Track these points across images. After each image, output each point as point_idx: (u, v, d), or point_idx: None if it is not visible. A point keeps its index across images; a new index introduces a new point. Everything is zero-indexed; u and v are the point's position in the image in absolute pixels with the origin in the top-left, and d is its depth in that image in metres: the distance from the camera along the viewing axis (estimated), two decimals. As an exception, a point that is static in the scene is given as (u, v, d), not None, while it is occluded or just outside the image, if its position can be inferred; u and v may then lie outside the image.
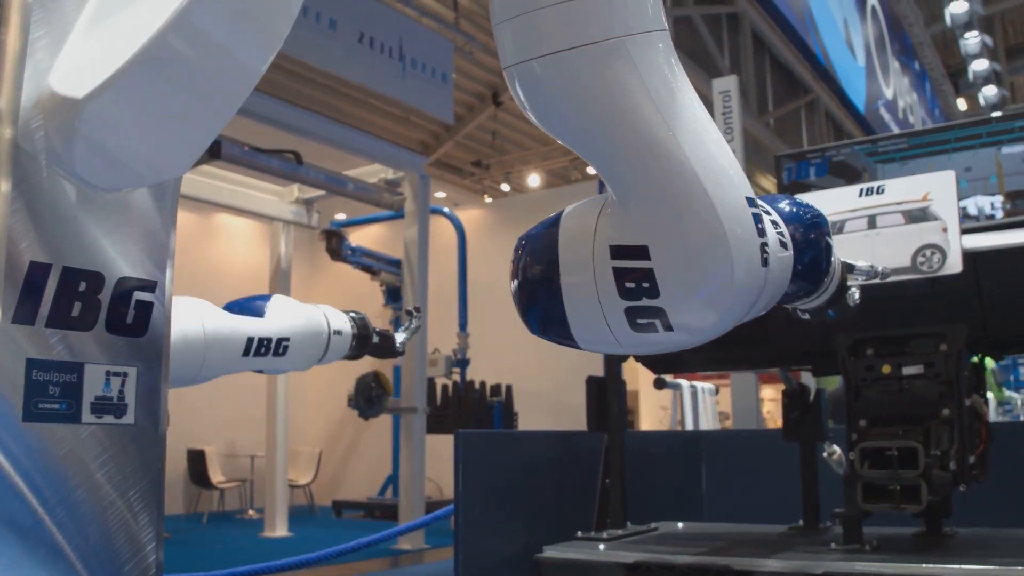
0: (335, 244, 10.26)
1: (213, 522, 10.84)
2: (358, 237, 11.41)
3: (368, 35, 8.56)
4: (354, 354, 1.89)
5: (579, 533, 2.51)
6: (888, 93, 16.43)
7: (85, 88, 0.76)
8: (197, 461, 11.21)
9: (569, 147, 0.82)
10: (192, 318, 1.48)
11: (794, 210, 1.12)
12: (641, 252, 0.78)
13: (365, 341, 1.89)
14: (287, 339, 1.62)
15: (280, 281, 9.66)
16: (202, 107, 0.82)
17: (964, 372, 2.12)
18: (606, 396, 2.65)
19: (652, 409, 12.22)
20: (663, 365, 2.76)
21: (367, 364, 11.24)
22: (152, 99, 0.78)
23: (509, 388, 10.71)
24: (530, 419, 10.96)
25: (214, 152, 7.94)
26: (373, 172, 9.49)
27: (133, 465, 0.90)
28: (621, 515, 2.60)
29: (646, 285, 0.78)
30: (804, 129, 16.14)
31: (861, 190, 2.12)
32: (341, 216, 12.38)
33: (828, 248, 1.18)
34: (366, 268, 11.45)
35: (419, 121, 13.21)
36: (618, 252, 0.79)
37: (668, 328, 0.81)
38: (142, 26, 0.75)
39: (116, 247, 0.91)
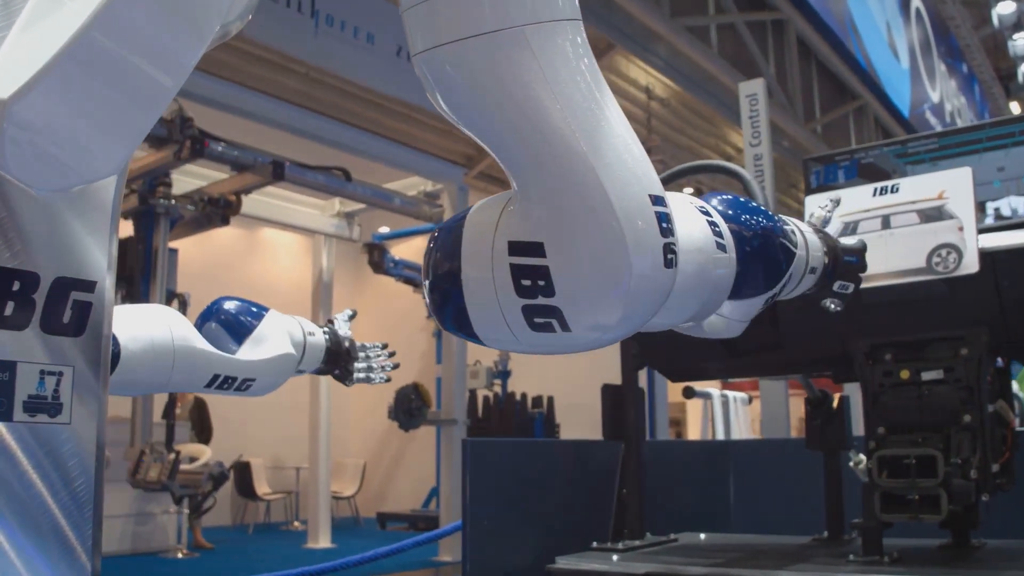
0: (377, 257, 10.33)
1: (258, 533, 10.93)
2: (400, 250, 11.46)
3: (406, 49, 8.60)
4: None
5: (594, 543, 2.47)
6: (934, 96, 16.09)
7: (11, 88, 0.75)
8: (243, 473, 11.33)
9: (476, 139, 0.79)
10: (160, 325, 1.45)
11: (731, 212, 1.09)
12: (537, 249, 0.76)
13: (334, 359, 1.84)
14: (253, 379, 1.60)
15: (323, 294, 9.74)
16: (130, 105, 0.81)
17: (986, 377, 2.04)
18: (623, 404, 2.60)
19: (700, 419, 12.07)
20: (682, 373, 2.71)
21: (407, 376, 11.29)
22: (78, 97, 0.77)
23: (551, 400, 10.66)
24: (572, 431, 10.88)
25: (277, 174, 8.09)
26: (413, 184, 9.55)
27: (68, 464, 0.89)
28: (638, 526, 2.54)
29: (541, 283, 0.76)
30: (853, 135, 15.90)
31: (875, 189, 2.06)
32: (384, 229, 12.46)
33: (775, 256, 1.14)
34: (408, 280, 11.50)
35: (460, 133, 13.26)
36: (515, 248, 0.77)
37: (565, 328, 0.78)
38: (70, 25, 0.74)
39: (53, 247, 0.90)
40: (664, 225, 0.78)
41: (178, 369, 1.46)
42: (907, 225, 1.97)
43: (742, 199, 1.20)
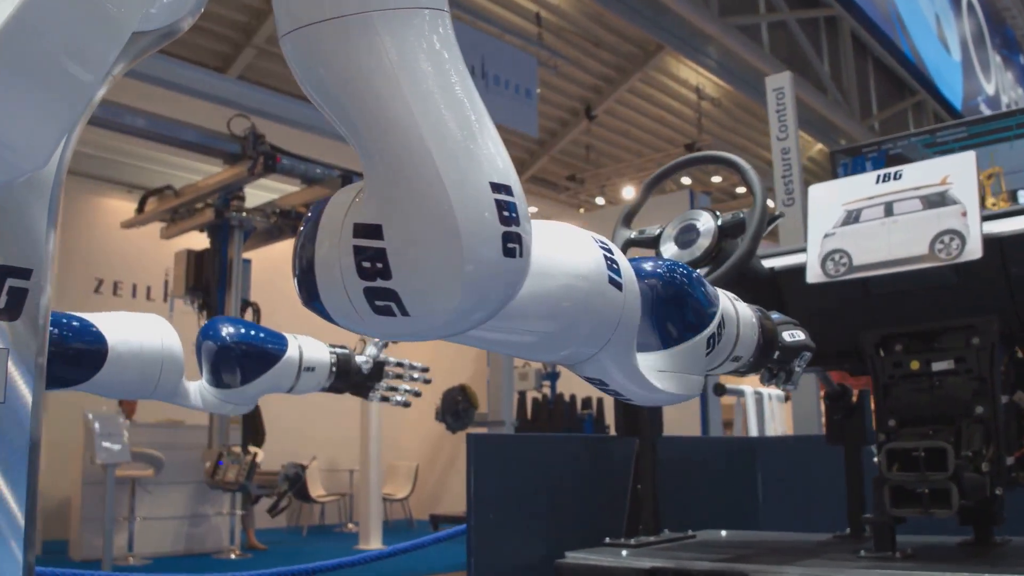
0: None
1: (312, 535, 11.06)
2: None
3: (451, 54, 8.69)
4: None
5: (607, 539, 2.46)
6: (989, 89, 15.67)
7: None
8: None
9: (334, 121, 0.80)
10: (153, 335, 1.47)
11: (655, 269, 1.12)
12: (376, 231, 0.76)
13: (344, 380, 1.82)
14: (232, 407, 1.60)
15: (372, 298, 9.84)
16: (52, 101, 0.83)
17: (999, 366, 1.98)
18: (637, 400, 2.58)
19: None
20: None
21: (460, 378, 11.33)
22: (3, 95, 0.80)
23: (600, 401, 10.62)
24: (623, 433, 10.82)
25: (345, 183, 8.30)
26: (459, 188, 9.60)
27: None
28: (653, 522, 2.52)
29: (380, 265, 0.76)
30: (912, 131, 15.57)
31: (878, 177, 2.02)
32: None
33: (686, 320, 1.16)
34: (458, 284, 11.52)
35: (513, 138, 13.30)
36: (359, 230, 0.77)
37: (404, 312, 0.78)
38: None
39: (-11, 237, 0.93)
40: (506, 214, 0.77)
41: (164, 380, 1.47)
42: (910, 212, 1.93)
43: (686, 268, 1.20)
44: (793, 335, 1.49)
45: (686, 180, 14.64)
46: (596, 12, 11.86)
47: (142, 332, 1.49)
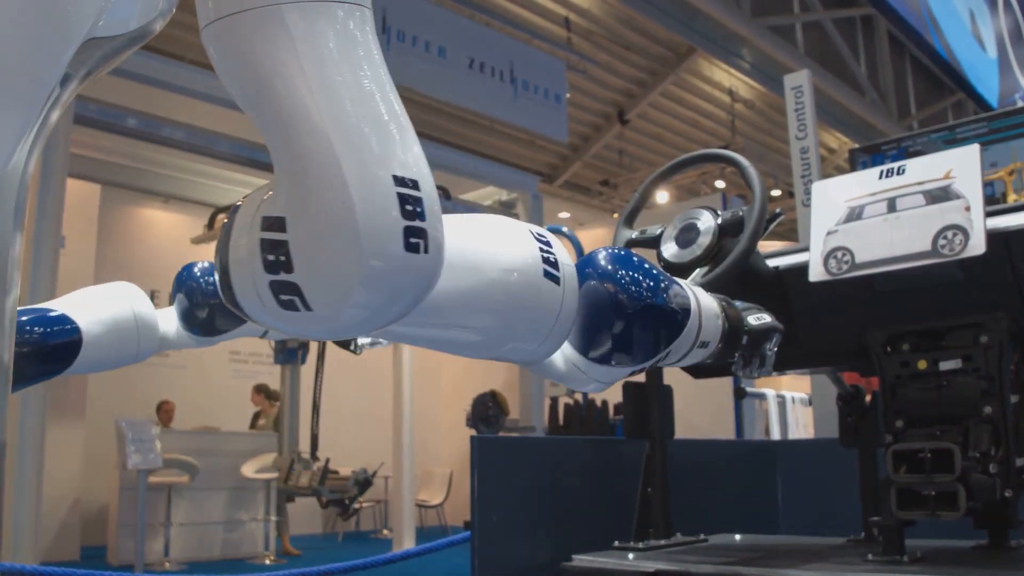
0: (458, 267, 10.43)
1: (347, 541, 11.13)
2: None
3: (479, 60, 8.73)
4: None
5: (616, 543, 2.43)
6: (1028, 85, 15.36)
7: None
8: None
9: (250, 115, 0.80)
10: (123, 305, 1.49)
11: (610, 268, 1.06)
12: (280, 223, 0.76)
13: None
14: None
15: (404, 305, 9.89)
16: (11, 102, 0.84)
17: (1008, 365, 1.93)
18: (647, 401, 2.56)
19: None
20: (704, 370, 2.63)
21: (491, 384, 11.33)
22: None
23: (634, 407, 10.56)
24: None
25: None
26: (488, 194, 9.62)
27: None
28: (663, 525, 2.49)
29: (283, 258, 0.76)
30: (952, 131, 15.30)
31: (881, 172, 1.98)
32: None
33: (651, 329, 1.09)
34: (490, 290, 11.53)
35: (544, 143, 13.30)
36: (265, 224, 0.77)
37: (307, 307, 0.77)
38: None
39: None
40: (409, 208, 0.76)
41: (143, 344, 1.51)
42: (912, 208, 1.89)
43: (635, 258, 1.12)
44: (759, 318, 1.45)
45: (720, 183, 14.53)
46: (626, 15, 11.82)
47: (112, 306, 1.51)
